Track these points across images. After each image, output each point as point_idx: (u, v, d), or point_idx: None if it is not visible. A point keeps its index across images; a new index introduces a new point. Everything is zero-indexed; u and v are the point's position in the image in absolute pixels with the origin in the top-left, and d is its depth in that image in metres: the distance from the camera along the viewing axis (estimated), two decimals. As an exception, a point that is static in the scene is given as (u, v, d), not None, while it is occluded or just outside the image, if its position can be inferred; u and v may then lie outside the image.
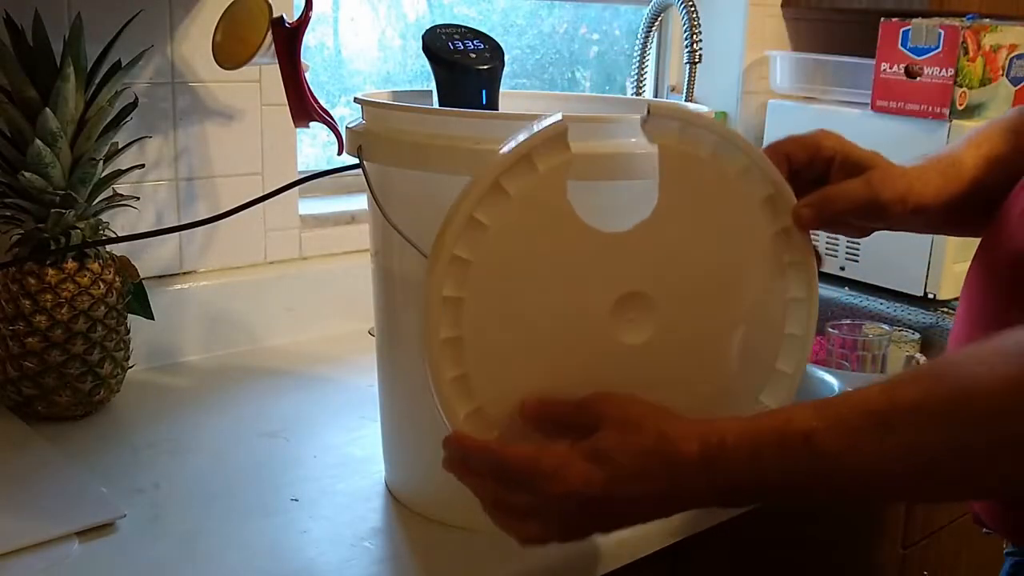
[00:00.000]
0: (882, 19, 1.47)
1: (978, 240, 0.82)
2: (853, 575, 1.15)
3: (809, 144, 0.75)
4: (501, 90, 0.84)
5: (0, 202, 0.89)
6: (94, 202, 0.93)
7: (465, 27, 0.85)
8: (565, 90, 1.69)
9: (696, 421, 0.61)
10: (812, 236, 0.71)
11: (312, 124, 1.03)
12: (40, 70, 0.87)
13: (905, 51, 1.43)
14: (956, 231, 0.89)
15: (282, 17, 0.99)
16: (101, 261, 0.93)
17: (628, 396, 0.63)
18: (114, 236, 0.95)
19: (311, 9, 0.99)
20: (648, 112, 0.65)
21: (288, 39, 0.99)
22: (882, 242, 0.80)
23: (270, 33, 0.99)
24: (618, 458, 0.59)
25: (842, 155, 0.75)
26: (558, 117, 0.63)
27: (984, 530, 0.86)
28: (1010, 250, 0.75)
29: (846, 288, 1.53)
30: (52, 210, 0.89)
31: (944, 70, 1.39)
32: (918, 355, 1.44)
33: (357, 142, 0.74)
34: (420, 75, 1.45)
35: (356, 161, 0.75)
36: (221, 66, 1.02)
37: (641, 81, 1.55)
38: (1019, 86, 1.47)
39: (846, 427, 0.56)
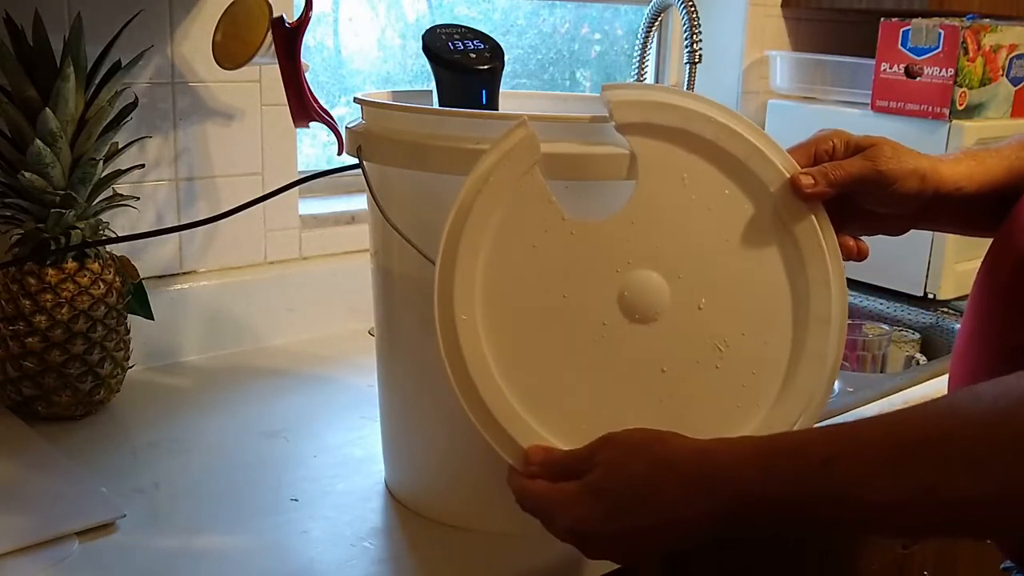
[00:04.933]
0: (882, 19, 1.47)
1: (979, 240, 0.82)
2: (853, 575, 1.15)
3: (808, 144, 0.75)
4: (501, 90, 0.84)
5: (0, 202, 0.89)
6: (94, 202, 0.93)
7: (465, 27, 0.85)
8: (565, 90, 1.69)
9: (697, 442, 0.60)
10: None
11: (312, 124, 1.03)
12: (40, 70, 0.87)
13: (905, 51, 1.43)
14: (994, 224, 0.82)
15: (282, 17, 0.99)
16: (101, 261, 0.93)
17: (634, 429, 0.63)
18: (114, 236, 0.95)
19: (311, 9, 0.99)
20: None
21: (288, 39, 0.99)
22: (882, 242, 0.80)
23: (270, 33, 0.99)
24: (614, 488, 0.59)
25: (842, 142, 0.75)
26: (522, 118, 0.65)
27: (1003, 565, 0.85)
28: (1015, 254, 0.75)
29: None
30: (52, 210, 0.89)
31: (944, 70, 1.39)
32: (918, 355, 1.44)
33: (357, 142, 0.74)
34: (420, 75, 1.45)
35: (356, 161, 0.75)
36: (221, 66, 1.02)
37: (641, 81, 1.55)
38: (1019, 86, 1.47)
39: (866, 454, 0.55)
